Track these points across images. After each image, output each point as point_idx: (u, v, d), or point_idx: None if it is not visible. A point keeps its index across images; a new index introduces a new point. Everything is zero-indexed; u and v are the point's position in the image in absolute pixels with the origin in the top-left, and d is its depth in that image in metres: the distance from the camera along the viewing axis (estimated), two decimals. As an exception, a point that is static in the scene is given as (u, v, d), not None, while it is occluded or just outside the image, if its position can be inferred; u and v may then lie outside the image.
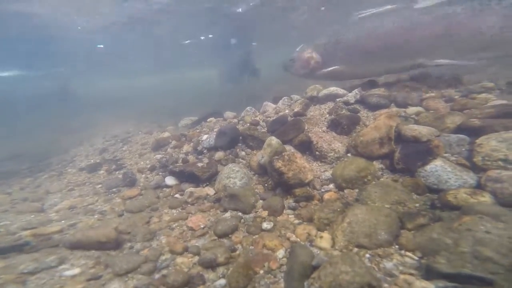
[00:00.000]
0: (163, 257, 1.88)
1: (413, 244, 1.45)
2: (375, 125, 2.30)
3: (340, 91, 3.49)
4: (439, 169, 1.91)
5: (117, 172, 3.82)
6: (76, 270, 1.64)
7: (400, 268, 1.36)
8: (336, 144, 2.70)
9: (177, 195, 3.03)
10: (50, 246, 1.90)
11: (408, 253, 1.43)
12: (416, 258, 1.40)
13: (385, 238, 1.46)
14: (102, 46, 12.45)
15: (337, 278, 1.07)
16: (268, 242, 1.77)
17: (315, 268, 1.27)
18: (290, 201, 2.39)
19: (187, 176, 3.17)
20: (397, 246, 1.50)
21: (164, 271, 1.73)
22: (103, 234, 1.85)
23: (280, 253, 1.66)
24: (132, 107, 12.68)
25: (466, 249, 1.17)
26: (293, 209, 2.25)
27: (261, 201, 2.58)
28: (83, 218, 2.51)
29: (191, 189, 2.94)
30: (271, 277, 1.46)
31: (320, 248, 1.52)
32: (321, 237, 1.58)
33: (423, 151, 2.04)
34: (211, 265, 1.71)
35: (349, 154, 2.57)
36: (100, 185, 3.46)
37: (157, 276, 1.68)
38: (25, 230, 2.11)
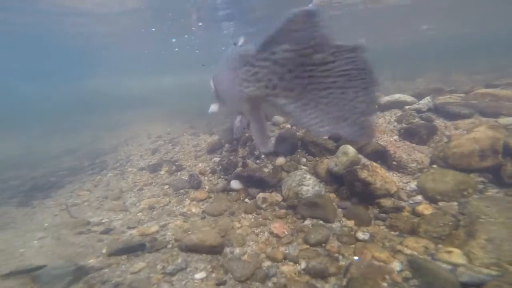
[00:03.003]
0: (265, 264, 1.95)
1: None
2: (473, 136, 2.23)
3: (409, 98, 3.41)
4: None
5: (179, 173, 3.98)
6: (203, 274, 1.74)
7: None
8: (417, 154, 2.64)
9: (246, 200, 3.12)
10: (162, 247, 2.03)
11: None
12: None
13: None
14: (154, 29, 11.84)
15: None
16: (377, 253, 1.78)
17: (467, 285, 1.27)
18: (375, 212, 2.39)
19: (255, 181, 3.24)
20: None
21: (274, 279, 1.79)
22: (214, 239, 1.95)
23: (396, 265, 1.66)
24: (158, 107, 13.12)
25: None
26: (383, 220, 2.24)
27: (339, 209, 2.60)
28: (169, 219, 2.65)
29: (263, 194, 3.01)
30: None
31: (452, 264, 1.51)
32: (448, 252, 1.57)
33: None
34: (321, 275, 1.75)
35: (434, 166, 2.51)
36: (167, 186, 3.63)
37: (270, 284, 1.75)
38: (130, 229, 2.27)
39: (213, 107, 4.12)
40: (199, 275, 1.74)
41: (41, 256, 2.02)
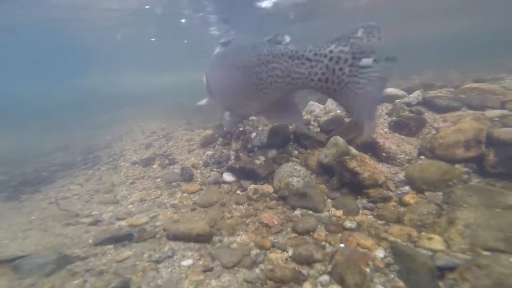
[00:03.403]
0: (253, 252, 1.97)
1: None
2: (458, 127, 2.26)
3: (399, 92, 3.44)
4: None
5: (171, 167, 3.98)
6: (189, 261, 1.75)
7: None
8: (406, 146, 2.67)
9: (238, 192, 3.13)
10: (150, 237, 2.03)
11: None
12: None
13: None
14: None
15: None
16: (362, 241, 1.80)
17: (442, 269, 1.29)
18: (363, 202, 2.42)
19: (247, 173, 3.25)
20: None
21: (262, 266, 1.81)
22: (201, 228, 1.96)
23: (380, 252, 1.69)
24: (154, 104, 13.05)
25: None
26: (370, 209, 2.27)
27: (329, 200, 2.62)
28: (159, 211, 2.65)
29: (254, 186, 3.03)
30: (382, 275, 1.50)
31: (431, 250, 1.54)
32: (429, 238, 1.59)
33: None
34: (307, 262, 1.77)
35: (422, 157, 2.54)
36: (159, 179, 3.62)
37: (257, 270, 1.77)
38: (119, 220, 2.27)
39: (203, 101, 4.23)
40: (186, 262, 1.75)
41: (24, 247, 2.00)
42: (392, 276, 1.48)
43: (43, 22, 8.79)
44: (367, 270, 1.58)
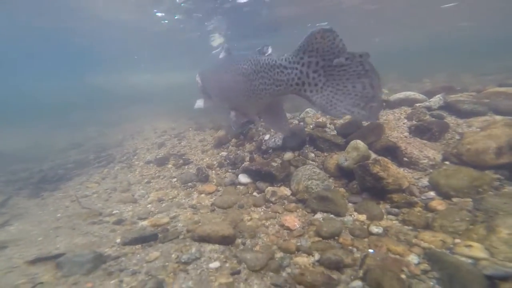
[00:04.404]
0: (278, 255, 1.95)
1: None
2: (489, 133, 2.22)
3: (419, 96, 3.39)
4: None
5: (186, 167, 3.99)
6: (217, 263, 1.75)
7: None
8: (429, 151, 2.63)
9: (254, 193, 3.12)
10: (174, 238, 2.03)
11: None
12: None
13: None
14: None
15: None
16: (393, 247, 1.78)
17: (491, 278, 1.26)
18: (386, 207, 2.38)
19: (263, 175, 3.24)
20: None
21: (288, 269, 1.79)
22: (226, 230, 1.96)
23: (413, 258, 1.66)
24: (162, 103, 13.14)
25: None
26: (395, 214, 2.24)
27: (349, 204, 2.59)
28: (178, 211, 2.65)
29: (272, 188, 3.02)
30: (420, 282, 1.47)
31: (472, 258, 1.51)
32: (468, 246, 1.56)
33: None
34: (337, 266, 1.75)
35: (447, 162, 2.50)
36: (175, 179, 3.64)
37: (284, 274, 1.75)
38: (141, 220, 2.28)
39: (199, 103, 4.39)
40: (213, 265, 1.74)
41: (58, 244, 2.04)
42: (432, 283, 1.45)
43: (57, 23, 8.96)
44: (403, 276, 1.55)
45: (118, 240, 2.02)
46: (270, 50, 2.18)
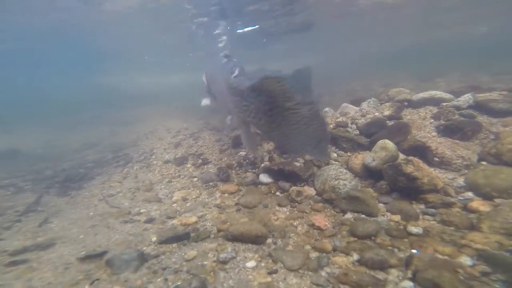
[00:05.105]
0: (313, 255, 1.91)
1: None
2: (531, 132, 2.14)
3: (446, 95, 3.32)
4: None
5: (205, 167, 3.98)
6: (253, 263, 1.72)
7: None
8: (462, 151, 2.56)
9: (277, 193, 3.08)
10: (206, 237, 2.01)
11: None
12: None
13: None
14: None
15: None
16: (440, 247, 1.72)
17: None
18: (420, 207, 2.32)
19: (286, 175, 3.20)
20: None
21: (328, 269, 1.75)
22: (259, 229, 1.93)
23: (466, 259, 1.61)
24: (171, 103, 13.23)
25: None
26: (432, 215, 2.17)
27: (380, 204, 2.54)
28: (204, 210, 2.64)
29: (297, 188, 2.97)
30: (483, 284, 1.42)
31: None
32: None
33: None
34: (381, 267, 1.70)
35: (484, 162, 2.42)
36: (195, 179, 3.63)
37: (323, 273, 1.71)
38: (170, 219, 2.27)
39: (205, 101, 4.73)
40: (250, 264, 1.72)
41: (98, 242, 2.07)
42: (498, 286, 1.39)
43: (70, 24, 9.11)
44: (461, 278, 1.50)
45: (154, 239, 2.01)
46: (236, 72, 2.60)
